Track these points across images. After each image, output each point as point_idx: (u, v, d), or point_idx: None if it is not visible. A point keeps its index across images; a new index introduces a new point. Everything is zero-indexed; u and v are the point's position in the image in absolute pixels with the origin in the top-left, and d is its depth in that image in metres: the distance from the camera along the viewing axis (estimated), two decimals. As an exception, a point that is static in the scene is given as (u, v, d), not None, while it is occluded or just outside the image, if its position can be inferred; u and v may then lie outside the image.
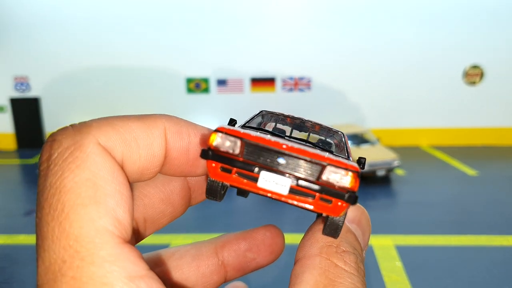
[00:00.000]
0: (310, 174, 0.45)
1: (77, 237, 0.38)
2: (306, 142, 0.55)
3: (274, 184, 0.44)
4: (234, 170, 0.47)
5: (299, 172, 0.45)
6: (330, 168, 0.44)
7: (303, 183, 0.45)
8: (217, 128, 0.49)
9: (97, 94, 14.15)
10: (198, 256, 0.62)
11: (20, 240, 8.30)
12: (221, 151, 0.47)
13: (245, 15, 13.50)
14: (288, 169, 0.45)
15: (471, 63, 13.83)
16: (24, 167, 13.21)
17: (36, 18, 13.43)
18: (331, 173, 0.44)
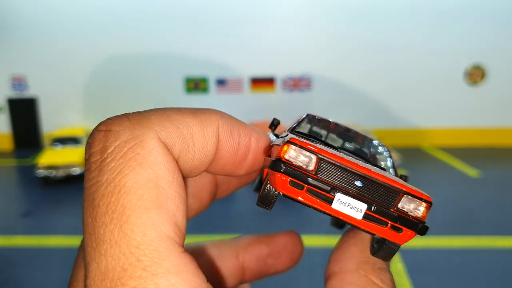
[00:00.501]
0: (386, 201, 0.43)
1: (140, 244, 0.35)
2: (360, 157, 0.53)
3: (349, 208, 0.43)
4: (306, 187, 0.45)
5: (376, 197, 0.43)
6: (407, 196, 0.43)
7: (379, 210, 0.43)
8: (289, 139, 0.46)
9: (95, 94, 14.08)
10: (220, 257, 0.61)
11: (17, 242, 8.18)
12: (294, 165, 0.45)
13: (244, 15, 13.45)
14: (365, 193, 0.43)
15: (472, 63, 13.80)
16: (21, 168, 13.12)
17: (34, 18, 13.39)
18: (407, 202, 0.43)
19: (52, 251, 7.77)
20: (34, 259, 7.47)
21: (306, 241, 0.64)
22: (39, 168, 10.98)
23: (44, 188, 11.01)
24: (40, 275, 6.93)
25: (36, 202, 10.19)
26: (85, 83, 13.99)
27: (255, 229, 7.87)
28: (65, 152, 11.70)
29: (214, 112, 0.51)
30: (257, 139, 0.51)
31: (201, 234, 8.34)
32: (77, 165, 11.16)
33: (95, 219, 0.37)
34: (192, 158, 0.45)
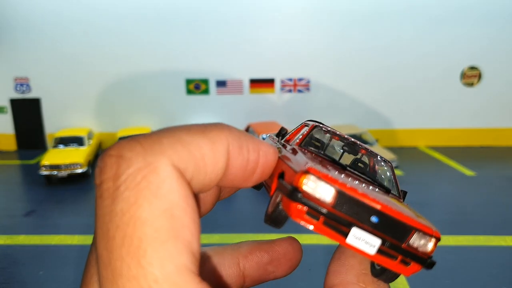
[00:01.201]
0: (399, 237, 0.44)
1: (158, 279, 0.35)
2: (369, 178, 0.54)
3: (364, 243, 0.43)
4: (322, 219, 0.44)
5: (389, 233, 0.44)
6: (418, 233, 0.44)
7: (392, 246, 0.44)
8: (307, 168, 0.45)
9: (97, 95, 14.16)
10: (221, 266, 0.60)
11: (20, 241, 8.25)
12: (311, 196, 0.44)
13: (245, 18, 13.53)
14: (379, 229, 0.43)
15: (469, 65, 13.90)
16: (24, 168, 13.19)
17: (37, 20, 13.45)
18: (418, 238, 0.44)
19: (55, 249, 7.85)
20: (37, 257, 7.55)
21: (306, 240, 0.68)
22: (42, 168, 11.10)
23: (47, 187, 11.09)
24: (42, 273, 7.02)
25: (39, 201, 10.28)
26: (87, 84, 14.04)
27: (254, 227, 7.91)
28: (68, 152, 11.80)
29: (223, 128, 0.47)
30: (265, 153, 0.50)
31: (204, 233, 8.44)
32: (79, 165, 11.26)
33: (111, 252, 0.36)
34: (203, 178, 0.44)
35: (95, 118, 14.22)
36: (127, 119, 14.12)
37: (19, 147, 14.61)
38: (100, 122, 14.23)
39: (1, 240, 8.29)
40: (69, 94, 14.08)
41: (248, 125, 13.65)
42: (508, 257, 6.57)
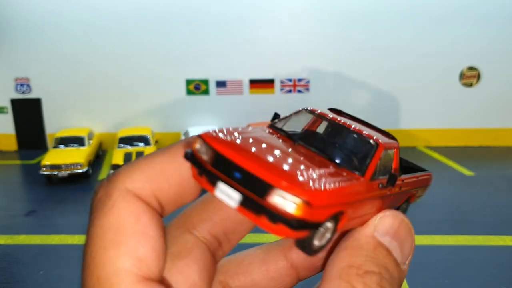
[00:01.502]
0: (259, 193, 0.44)
1: (99, 277, 0.44)
2: (322, 153, 0.54)
3: (226, 197, 0.45)
4: (204, 176, 0.49)
5: (250, 189, 0.44)
6: (277, 190, 0.43)
7: (250, 201, 0.44)
8: (201, 134, 0.51)
9: (97, 96, 14.19)
10: (267, 260, 0.61)
11: (21, 241, 8.27)
12: (197, 155, 0.50)
13: (244, 18, 13.56)
14: (241, 184, 0.45)
15: (468, 65, 13.93)
16: (24, 168, 13.22)
17: (37, 20, 13.49)
18: (277, 196, 0.43)
19: (55, 249, 7.86)
20: (37, 257, 7.57)
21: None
22: (42, 167, 11.12)
23: (47, 187, 11.11)
24: (43, 273, 7.04)
25: (39, 201, 10.30)
26: (88, 85, 14.07)
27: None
28: (68, 152, 11.82)
29: (180, 142, 0.53)
30: None
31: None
32: (80, 165, 11.28)
33: (83, 264, 0.48)
34: (169, 188, 0.49)
35: (95, 118, 14.25)
36: (127, 119, 14.15)
37: (19, 147, 14.64)
38: (101, 122, 14.25)
39: (1, 239, 8.30)
40: (70, 94, 14.11)
41: (248, 125, 13.66)
42: (507, 257, 6.59)
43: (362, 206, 0.52)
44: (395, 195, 0.60)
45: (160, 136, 14.14)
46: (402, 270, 0.53)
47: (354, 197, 0.50)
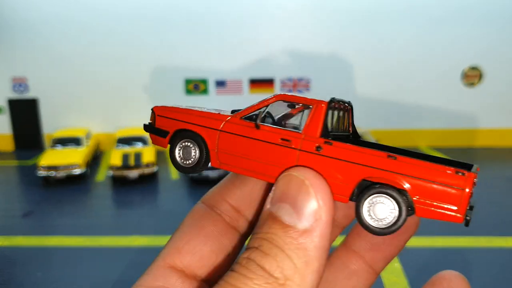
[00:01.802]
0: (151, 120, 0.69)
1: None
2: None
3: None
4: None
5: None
6: (152, 112, 0.66)
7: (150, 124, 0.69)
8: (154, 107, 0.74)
9: (95, 96, 14.13)
10: None
11: (18, 242, 8.19)
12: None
13: (244, 17, 13.54)
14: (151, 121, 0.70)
15: (470, 65, 13.91)
16: (22, 168, 13.15)
17: (35, 20, 13.46)
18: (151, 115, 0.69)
19: (53, 250, 7.81)
20: (35, 258, 7.52)
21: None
22: (40, 168, 11.05)
23: (44, 188, 11.04)
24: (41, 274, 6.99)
25: (36, 202, 10.24)
26: (86, 85, 14.05)
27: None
28: (65, 152, 11.76)
29: None
30: None
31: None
32: (77, 165, 11.23)
33: None
34: (241, 189, 0.69)
35: (93, 118, 14.21)
36: (126, 120, 14.09)
37: (16, 148, 14.60)
38: (98, 123, 14.22)
39: (-2, 241, 8.26)
40: (67, 94, 14.09)
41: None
42: (509, 258, 6.56)
43: (236, 144, 0.57)
44: (312, 154, 0.56)
45: (159, 136, 14.12)
46: (301, 230, 0.49)
47: (208, 122, 0.60)
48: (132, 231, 8.48)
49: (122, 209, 10.04)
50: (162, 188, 11.25)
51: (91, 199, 10.71)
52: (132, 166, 11.07)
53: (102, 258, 7.48)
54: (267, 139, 0.57)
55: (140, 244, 8.01)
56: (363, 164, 0.55)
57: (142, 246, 7.92)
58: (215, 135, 0.57)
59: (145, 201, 10.45)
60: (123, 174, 11.04)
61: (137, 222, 8.91)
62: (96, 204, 10.36)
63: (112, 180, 11.31)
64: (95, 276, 6.88)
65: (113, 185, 11.20)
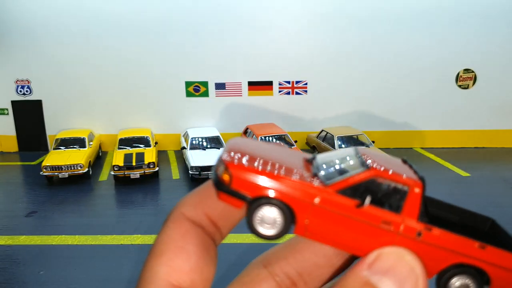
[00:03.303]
0: (215, 167, 0.58)
1: (141, 278, 0.55)
2: (312, 165, 0.62)
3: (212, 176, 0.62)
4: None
5: (215, 166, 0.58)
6: (220, 163, 0.56)
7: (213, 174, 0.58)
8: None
9: (98, 98, 14.25)
10: None
11: (21, 241, 8.32)
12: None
13: (243, 21, 13.63)
14: (216, 163, 0.58)
15: (464, 67, 14.01)
16: (25, 169, 13.28)
17: (38, 23, 13.55)
18: (219, 167, 0.56)
19: (55, 249, 7.91)
20: (38, 257, 7.62)
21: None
22: (43, 169, 11.18)
23: (48, 188, 11.18)
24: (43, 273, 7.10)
25: (40, 202, 10.36)
26: (88, 86, 14.12)
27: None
28: (69, 153, 11.91)
29: None
30: None
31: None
32: (80, 166, 11.36)
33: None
34: (218, 205, 0.61)
35: (95, 120, 14.32)
36: (127, 121, 14.22)
37: (20, 149, 14.69)
38: (101, 124, 14.32)
39: (2, 240, 8.37)
40: (70, 96, 14.17)
41: (246, 126, 13.76)
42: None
43: (331, 219, 0.53)
44: (411, 240, 0.56)
45: (160, 138, 14.23)
46: None
47: (299, 193, 0.52)
48: (134, 230, 8.61)
49: (124, 209, 10.16)
50: (163, 187, 11.37)
51: (94, 198, 10.83)
52: (134, 166, 11.20)
53: (104, 256, 7.58)
54: (367, 220, 0.54)
55: (142, 242, 8.13)
56: (456, 251, 0.57)
57: (143, 245, 8.03)
58: (307, 208, 0.52)
59: (146, 201, 10.59)
60: (125, 174, 11.19)
61: (139, 221, 9.03)
62: (98, 203, 10.49)
63: (114, 180, 11.47)
64: (97, 274, 6.98)
65: (115, 185, 11.36)
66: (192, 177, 11.18)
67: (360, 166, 0.58)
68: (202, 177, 11.04)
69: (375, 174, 0.56)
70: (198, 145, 12.19)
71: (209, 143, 12.28)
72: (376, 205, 0.55)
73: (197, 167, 10.98)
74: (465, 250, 0.57)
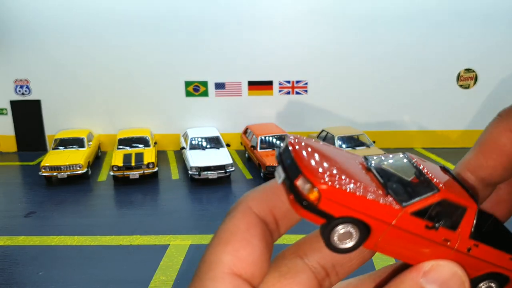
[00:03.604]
0: (293, 176, 0.55)
1: (204, 262, 0.56)
2: (382, 179, 0.63)
3: (278, 175, 0.57)
4: None
5: (291, 172, 0.55)
6: (302, 176, 0.53)
7: (286, 180, 0.55)
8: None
9: (97, 98, 14.23)
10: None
11: (20, 241, 8.32)
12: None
13: (243, 21, 13.63)
14: (288, 168, 0.56)
15: (464, 67, 14.02)
16: (24, 169, 13.27)
17: (37, 23, 13.55)
18: (303, 182, 0.53)
19: (54, 250, 7.90)
20: (37, 258, 7.61)
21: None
22: (42, 169, 11.17)
23: (47, 188, 11.18)
24: (42, 273, 7.09)
25: (39, 202, 10.35)
26: (87, 86, 14.12)
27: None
28: (68, 153, 11.90)
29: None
30: None
31: (199, 235, 8.52)
32: (79, 166, 11.34)
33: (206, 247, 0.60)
34: (282, 203, 0.62)
35: (95, 120, 14.31)
36: (127, 121, 14.21)
37: (19, 149, 14.69)
38: (100, 124, 14.32)
39: (1, 241, 8.35)
40: (69, 95, 14.17)
41: (246, 126, 13.75)
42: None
43: (400, 236, 0.58)
44: (461, 254, 0.63)
45: (160, 138, 14.22)
46: None
47: (380, 214, 0.56)
48: (133, 230, 8.61)
49: (123, 209, 10.15)
50: (163, 188, 11.36)
51: (93, 199, 10.82)
52: (133, 166, 11.19)
53: (103, 257, 7.58)
54: (433, 239, 0.60)
55: (141, 243, 8.12)
56: (493, 263, 0.65)
57: (142, 245, 8.03)
58: (384, 228, 0.56)
59: (146, 201, 10.58)
60: (125, 174, 11.18)
61: (138, 222, 9.03)
62: (97, 204, 10.47)
63: (113, 180, 11.46)
64: (96, 274, 6.97)
65: (114, 185, 11.35)
66: (192, 177, 11.17)
67: (419, 177, 0.64)
68: (201, 177, 11.03)
69: (445, 197, 0.61)
70: (197, 145, 12.18)
71: (209, 143, 12.27)
72: (444, 225, 0.61)
73: (196, 167, 10.97)
74: (500, 262, 0.65)
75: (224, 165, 11.05)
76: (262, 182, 0.73)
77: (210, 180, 11.16)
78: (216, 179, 11.17)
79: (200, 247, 7.97)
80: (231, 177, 11.58)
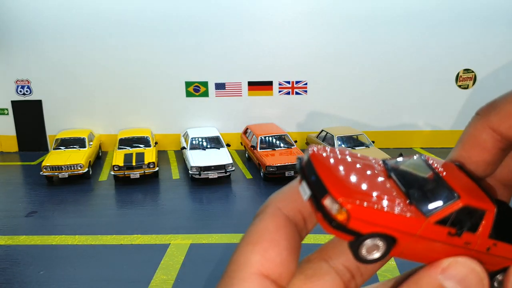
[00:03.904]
0: (320, 194, 0.55)
1: (233, 261, 0.57)
2: (403, 188, 0.62)
3: (303, 192, 0.57)
4: None
5: (316, 189, 0.55)
6: (329, 195, 0.53)
7: (313, 198, 0.55)
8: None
9: (98, 98, 14.27)
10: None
11: (21, 241, 8.36)
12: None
13: (243, 21, 13.66)
14: (314, 185, 0.56)
15: (463, 67, 14.05)
16: (25, 169, 13.30)
17: (38, 23, 13.58)
18: (331, 201, 0.53)
19: (55, 249, 7.94)
20: (38, 257, 7.65)
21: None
22: (43, 169, 11.21)
23: (48, 188, 11.21)
24: (43, 273, 7.12)
25: (40, 202, 10.39)
26: (88, 86, 14.16)
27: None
28: (69, 153, 11.93)
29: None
30: None
31: (200, 234, 8.55)
32: (80, 166, 11.38)
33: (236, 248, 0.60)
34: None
35: (95, 120, 14.35)
36: (127, 121, 14.25)
37: (20, 149, 14.73)
38: (101, 124, 14.35)
39: (2, 240, 8.39)
40: (70, 96, 14.21)
41: (246, 126, 13.78)
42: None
43: (424, 244, 0.59)
44: (480, 253, 0.64)
45: (160, 138, 14.25)
46: None
47: (405, 227, 0.57)
48: (134, 230, 8.64)
49: (124, 209, 10.18)
50: (163, 187, 11.39)
51: (94, 198, 10.85)
52: (134, 166, 11.22)
53: (104, 256, 7.61)
54: (455, 243, 0.61)
55: (142, 242, 8.15)
56: (510, 258, 0.66)
57: (143, 245, 8.06)
58: (409, 238, 0.58)
59: (146, 201, 10.61)
60: (125, 174, 11.21)
61: (139, 221, 9.06)
62: (98, 203, 10.50)
63: (114, 180, 11.49)
64: (97, 274, 7.00)
65: (115, 185, 11.38)
66: (192, 177, 11.20)
67: (439, 183, 0.63)
68: (202, 177, 11.06)
69: (466, 203, 0.62)
70: (198, 145, 12.22)
71: (209, 143, 12.30)
72: (467, 230, 0.62)
73: (197, 167, 11.00)
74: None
75: (224, 165, 11.09)
76: (262, 182, 0.73)
77: (211, 180, 11.20)
78: (216, 179, 11.20)
79: (201, 246, 7.99)
80: (231, 177, 11.62)
